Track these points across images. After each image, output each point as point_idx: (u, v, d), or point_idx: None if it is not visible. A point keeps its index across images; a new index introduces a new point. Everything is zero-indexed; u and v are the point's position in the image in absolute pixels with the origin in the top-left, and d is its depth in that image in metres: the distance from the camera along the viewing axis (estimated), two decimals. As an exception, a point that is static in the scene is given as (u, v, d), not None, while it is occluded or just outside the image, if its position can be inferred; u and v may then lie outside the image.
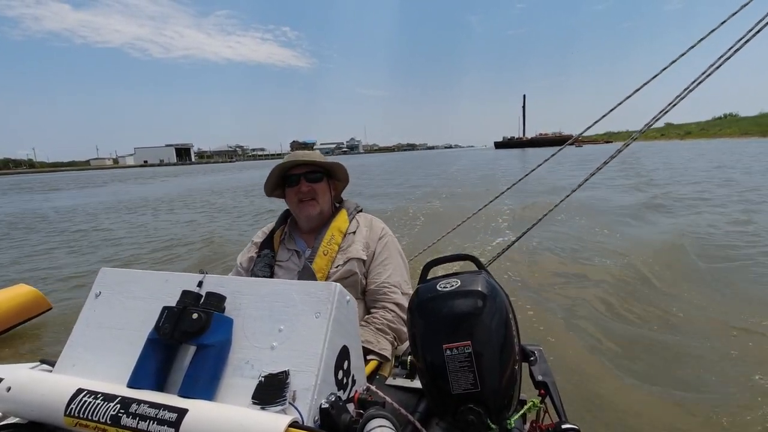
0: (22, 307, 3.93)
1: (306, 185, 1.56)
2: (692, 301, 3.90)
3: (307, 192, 1.55)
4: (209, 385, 0.82)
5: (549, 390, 1.18)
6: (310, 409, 0.77)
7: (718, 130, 79.07)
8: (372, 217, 1.69)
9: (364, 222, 1.65)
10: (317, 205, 1.57)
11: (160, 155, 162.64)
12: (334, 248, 1.53)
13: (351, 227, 1.60)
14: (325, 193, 1.60)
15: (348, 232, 1.59)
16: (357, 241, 1.57)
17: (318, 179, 1.58)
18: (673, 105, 2.36)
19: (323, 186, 1.59)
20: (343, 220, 1.60)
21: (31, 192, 28.02)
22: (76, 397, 0.80)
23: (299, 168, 1.57)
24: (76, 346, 0.97)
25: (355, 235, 1.59)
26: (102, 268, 1.06)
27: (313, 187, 1.56)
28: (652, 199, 9.70)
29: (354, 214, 1.66)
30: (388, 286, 1.52)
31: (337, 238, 1.55)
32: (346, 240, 1.57)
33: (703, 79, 2.20)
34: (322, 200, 1.58)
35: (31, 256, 7.36)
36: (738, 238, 5.91)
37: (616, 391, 2.58)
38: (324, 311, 0.85)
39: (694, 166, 19.26)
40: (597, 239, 6.30)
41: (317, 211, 1.57)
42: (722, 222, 6.90)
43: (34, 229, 10.65)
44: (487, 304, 0.94)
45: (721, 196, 9.80)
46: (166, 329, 0.84)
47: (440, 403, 0.96)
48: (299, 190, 1.56)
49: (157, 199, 17.43)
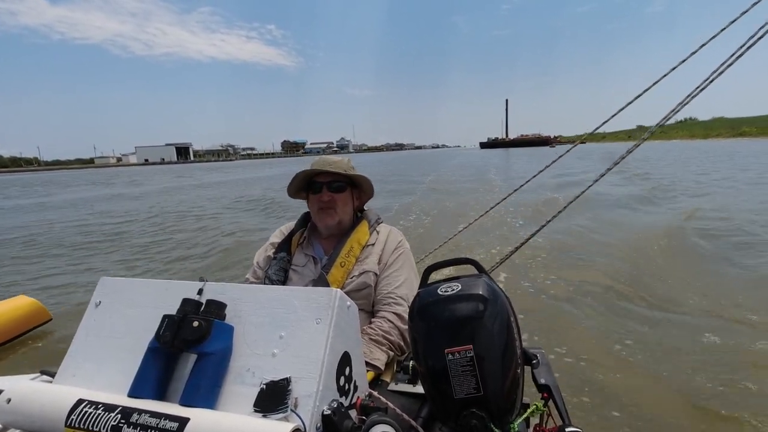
0: (22, 318, 3.92)
1: (327, 194, 1.55)
2: (701, 301, 3.89)
3: (328, 201, 1.55)
4: (210, 393, 0.82)
5: (552, 393, 1.18)
6: (312, 416, 0.76)
7: (674, 132, 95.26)
8: (391, 229, 1.67)
9: (383, 234, 1.63)
10: (336, 216, 1.56)
11: (161, 154, 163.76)
12: (352, 261, 1.52)
13: (371, 239, 1.59)
14: (346, 203, 1.59)
15: (367, 244, 1.57)
16: (374, 254, 1.56)
17: (341, 189, 1.57)
18: (675, 111, 2.38)
19: (345, 196, 1.58)
20: (364, 233, 1.59)
21: (85, 187, 27.63)
22: (77, 407, 0.79)
23: (324, 176, 1.56)
24: (77, 356, 0.96)
25: (374, 247, 1.58)
26: (102, 277, 1.06)
27: (334, 197, 1.55)
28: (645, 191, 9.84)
29: (375, 226, 1.65)
30: (393, 297, 1.50)
31: (355, 250, 1.53)
32: (364, 252, 1.55)
33: (705, 85, 2.21)
34: (342, 211, 1.57)
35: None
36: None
37: (621, 394, 2.57)
38: (325, 317, 0.85)
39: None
40: (595, 238, 6.31)
41: (335, 222, 1.57)
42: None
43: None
44: (488, 308, 0.94)
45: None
46: (167, 338, 0.84)
47: (443, 408, 0.96)
48: (320, 199, 1.55)
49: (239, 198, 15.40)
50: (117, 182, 32.40)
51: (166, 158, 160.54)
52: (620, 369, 2.85)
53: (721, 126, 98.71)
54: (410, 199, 12.23)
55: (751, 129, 79.63)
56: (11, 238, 9.27)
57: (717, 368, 2.80)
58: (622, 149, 2.48)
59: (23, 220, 12.25)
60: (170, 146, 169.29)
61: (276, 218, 10.34)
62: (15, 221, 12.11)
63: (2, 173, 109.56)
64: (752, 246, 5.60)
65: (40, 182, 40.14)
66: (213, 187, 21.31)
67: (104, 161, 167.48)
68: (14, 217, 13.50)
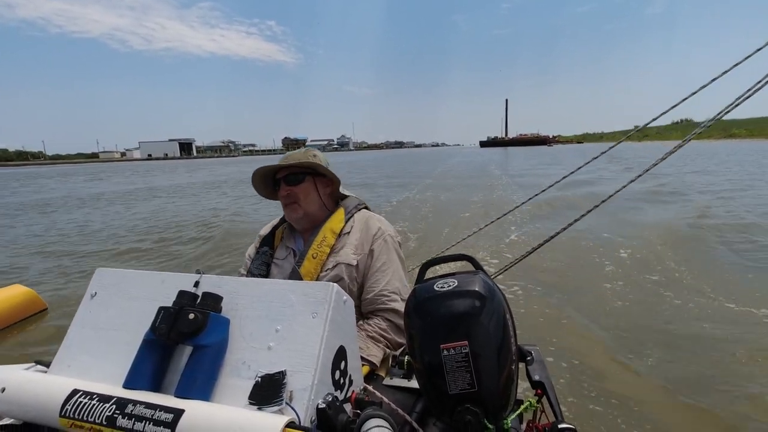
0: (17, 307, 3.91)
1: (285, 189, 1.52)
2: (693, 295, 3.92)
3: (287, 195, 1.52)
4: (206, 385, 0.82)
5: (546, 390, 1.19)
6: (306, 410, 0.77)
7: (669, 134, 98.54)
8: (369, 215, 1.60)
9: (360, 221, 1.55)
10: (299, 209, 1.51)
11: (164, 149, 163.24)
12: (325, 251, 1.46)
13: (346, 227, 1.52)
14: (308, 194, 1.53)
15: (342, 233, 1.51)
16: (349, 244, 1.49)
17: (298, 181, 1.52)
18: (716, 118, 2.39)
19: (306, 187, 1.52)
20: (338, 220, 1.52)
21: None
22: (72, 398, 0.79)
23: (281, 172, 1.54)
24: (72, 347, 0.96)
25: (349, 236, 1.51)
26: (98, 268, 1.05)
27: (293, 190, 1.51)
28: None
29: (353, 212, 1.57)
30: (387, 293, 1.45)
31: (329, 239, 1.48)
32: (339, 241, 1.49)
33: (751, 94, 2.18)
34: (305, 202, 1.52)
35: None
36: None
37: (613, 390, 2.59)
38: (321, 311, 0.85)
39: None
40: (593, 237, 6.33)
41: (300, 215, 1.52)
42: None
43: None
44: (484, 304, 0.94)
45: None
46: (163, 330, 0.84)
47: (437, 404, 0.96)
48: (280, 194, 1.54)
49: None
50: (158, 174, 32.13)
51: (170, 153, 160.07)
52: (616, 367, 2.87)
53: (716, 127, 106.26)
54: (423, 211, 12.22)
55: (741, 131, 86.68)
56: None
57: (720, 364, 2.82)
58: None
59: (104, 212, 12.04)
60: (173, 141, 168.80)
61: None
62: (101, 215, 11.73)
63: (12, 166, 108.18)
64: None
65: (63, 174, 40.05)
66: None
67: (109, 156, 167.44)
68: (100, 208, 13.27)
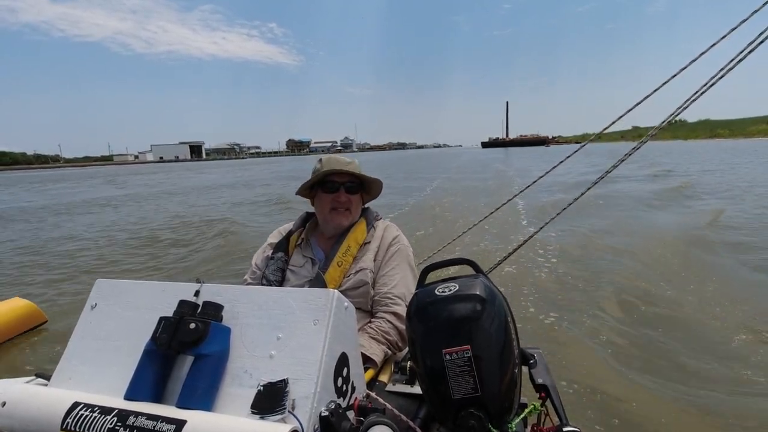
0: (16, 320, 3.89)
1: (345, 196, 1.56)
2: (697, 299, 3.91)
3: (344, 202, 1.56)
4: (207, 395, 0.81)
5: (549, 393, 1.18)
6: (309, 418, 0.76)
7: (659, 134, 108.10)
8: (387, 224, 1.68)
9: (380, 230, 1.64)
10: (350, 216, 1.58)
11: (175, 152, 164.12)
12: (349, 260, 1.53)
13: (368, 237, 1.60)
14: (358, 205, 1.61)
15: (364, 242, 1.58)
16: (370, 251, 1.56)
17: (356, 191, 1.59)
18: (676, 113, 2.41)
19: (358, 198, 1.61)
20: (362, 231, 1.59)
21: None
22: (73, 410, 0.79)
23: (341, 176, 1.56)
24: (72, 359, 0.95)
25: (370, 245, 1.58)
26: (98, 279, 1.05)
27: (351, 199, 1.57)
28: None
29: (372, 223, 1.65)
30: (391, 296, 1.51)
31: (353, 249, 1.54)
32: (362, 250, 1.56)
33: (705, 89, 2.22)
34: (355, 212, 1.60)
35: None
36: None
37: (617, 393, 2.58)
38: (322, 318, 0.85)
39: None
40: (591, 235, 6.33)
41: (348, 222, 1.58)
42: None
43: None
44: (485, 308, 0.94)
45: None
46: (164, 339, 0.83)
47: (441, 409, 0.96)
48: (336, 199, 1.55)
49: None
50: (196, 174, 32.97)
51: (180, 156, 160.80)
52: (621, 370, 2.85)
53: (702, 128, 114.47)
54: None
55: (724, 131, 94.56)
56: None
57: (725, 367, 2.81)
58: (615, 148, 2.49)
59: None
60: (184, 144, 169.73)
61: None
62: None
63: (33, 169, 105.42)
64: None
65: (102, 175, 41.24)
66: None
67: (123, 158, 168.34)
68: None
